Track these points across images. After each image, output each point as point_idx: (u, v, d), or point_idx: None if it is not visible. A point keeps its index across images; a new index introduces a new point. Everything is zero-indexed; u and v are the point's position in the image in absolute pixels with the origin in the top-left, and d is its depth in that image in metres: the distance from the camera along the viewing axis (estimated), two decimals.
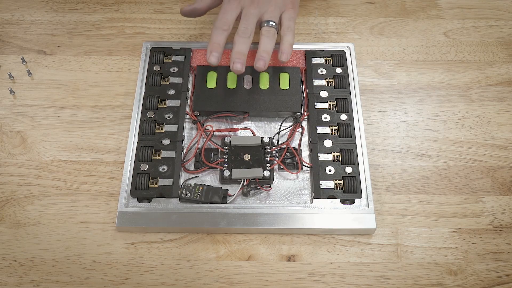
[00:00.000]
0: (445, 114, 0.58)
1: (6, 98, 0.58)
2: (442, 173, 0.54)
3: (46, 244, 0.49)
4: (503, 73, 0.62)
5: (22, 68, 0.61)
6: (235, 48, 0.53)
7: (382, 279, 0.48)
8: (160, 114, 0.55)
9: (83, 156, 0.54)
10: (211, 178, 0.52)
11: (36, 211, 0.51)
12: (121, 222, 0.49)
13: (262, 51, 0.53)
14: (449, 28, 0.66)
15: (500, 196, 0.53)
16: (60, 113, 0.57)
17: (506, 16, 0.67)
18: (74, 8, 0.67)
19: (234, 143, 0.53)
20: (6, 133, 0.56)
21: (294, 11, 0.57)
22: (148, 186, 0.50)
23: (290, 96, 0.56)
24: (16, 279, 0.47)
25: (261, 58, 0.53)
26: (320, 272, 0.48)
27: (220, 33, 0.53)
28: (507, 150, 0.56)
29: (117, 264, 0.48)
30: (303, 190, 0.52)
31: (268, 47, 0.54)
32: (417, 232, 0.50)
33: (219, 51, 0.53)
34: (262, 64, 0.53)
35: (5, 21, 0.65)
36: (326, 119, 0.55)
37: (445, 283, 0.48)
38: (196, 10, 0.58)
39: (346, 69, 0.59)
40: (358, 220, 0.49)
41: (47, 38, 0.64)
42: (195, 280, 0.48)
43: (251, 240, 0.50)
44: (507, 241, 0.50)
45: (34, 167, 0.53)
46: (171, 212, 0.49)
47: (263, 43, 0.54)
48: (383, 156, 0.55)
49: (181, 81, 0.57)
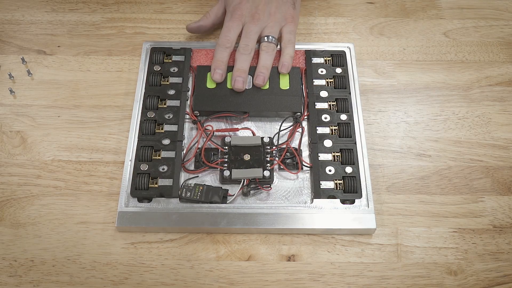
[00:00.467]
0: (445, 114, 0.58)
1: (6, 98, 0.58)
2: (442, 173, 0.54)
3: (46, 244, 0.49)
4: (503, 73, 0.62)
5: (22, 68, 0.61)
6: (237, 65, 0.55)
7: (382, 279, 0.48)
8: (160, 114, 0.55)
9: (83, 156, 0.54)
10: (211, 178, 0.52)
11: (36, 211, 0.51)
12: (121, 222, 0.49)
13: (261, 66, 0.56)
14: (449, 28, 0.66)
15: (500, 196, 0.53)
16: (60, 113, 0.57)
17: (506, 16, 0.67)
18: (74, 8, 0.67)
19: (234, 143, 0.53)
20: (6, 133, 0.56)
21: (294, 25, 0.59)
22: (148, 186, 0.50)
23: (290, 96, 0.56)
24: (16, 279, 0.47)
25: (260, 74, 0.55)
26: (320, 272, 0.48)
27: (223, 51, 0.56)
28: (507, 150, 0.56)
29: (117, 264, 0.48)
30: (303, 190, 0.52)
31: (267, 63, 0.56)
32: (417, 232, 0.50)
33: (222, 68, 0.55)
34: (261, 80, 0.55)
35: (5, 21, 0.65)
36: (326, 119, 0.55)
37: (445, 283, 0.48)
38: (202, 27, 0.61)
39: (346, 69, 0.59)
40: (358, 220, 0.49)
41: (47, 38, 0.64)
42: (195, 280, 0.48)
43: (251, 240, 0.50)
44: (507, 241, 0.50)
45: (34, 167, 0.53)
46: (171, 212, 0.49)
47: (263, 59, 0.56)
48: (383, 156, 0.55)
49: (181, 81, 0.57)
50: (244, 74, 0.55)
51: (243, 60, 0.56)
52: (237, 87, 0.55)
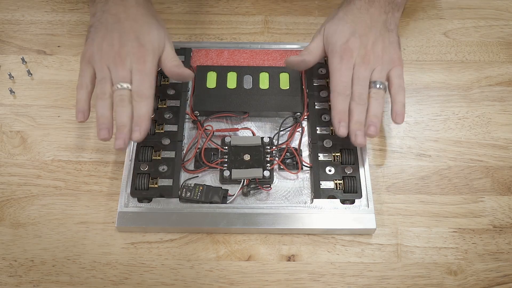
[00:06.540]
0: (445, 114, 0.58)
1: (6, 98, 0.58)
2: (442, 173, 0.54)
3: (46, 244, 0.49)
4: (503, 73, 0.62)
5: (22, 68, 0.61)
6: (354, 118, 0.50)
7: (382, 279, 0.48)
8: (160, 114, 0.55)
9: (83, 156, 0.54)
10: (211, 178, 0.52)
11: (36, 211, 0.51)
12: (121, 222, 0.49)
13: (372, 115, 0.50)
14: (449, 28, 0.66)
15: (500, 196, 0.53)
16: (60, 113, 0.57)
17: (506, 16, 0.67)
18: (74, 8, 0.67)
19: (234, 143, 0.53)
20: (6, 133, 0.56)
21: (401, 68, 0.53)
22: (148, 186, 0.50)
23: (290, 96, 0.56)
24: (16, 279, 0.47)
25: (372, 124, 0.49)
26: (320, 272, 0.48)
27: (344, 100, 0.50)
28: (507, 150, 0.56)
29: (117, 264, 0.48)
30: (303, 190, 0.52)
31: (378, 112, 0.50)
32: (417, 232, 0.50)
33: (346, 120, 0.50)
34: (374, 131, 0.49)
35: (5, 21, 0.65)
36: (326, 119, 0.55)
37: (445, 283, 0.48)
38: (305, 62, 0.54)
39: None
40: (358, 220, 0.49)
41: (47, 38, 0.64)
42: (195, 280, 0.48)
43: (251, 240, 0.50)
44: (507, 241, 0.50)
45: (34, 167, 0.53)
46: (171, 212, 0.49)
47: (373, 107, 0.50)
48: (383, 156, 0.55)
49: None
50: (362, 127, 0.49)
51: (360, 112, 0.50)
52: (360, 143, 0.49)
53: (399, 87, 0.52)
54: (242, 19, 0.66)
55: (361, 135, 0.49)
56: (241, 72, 0.58)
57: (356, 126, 0.49)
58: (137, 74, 0.48)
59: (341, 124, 0.49)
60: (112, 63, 0.48)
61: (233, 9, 0.67)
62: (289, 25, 0.66)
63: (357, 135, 0.49)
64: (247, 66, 0.59)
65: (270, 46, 0.62)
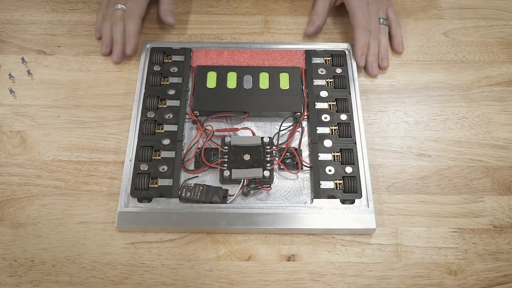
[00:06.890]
0: (445, 114, 0.58)
1: (6, 98, 0.58)
2: (442, 173, 0.54)
3: (46, 244, 0.49)
4: (503, 73, 0.62)
5: (22, 68, 0.61)
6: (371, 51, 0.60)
7: (382, 279, 0.48)
8: (160, 114, 0.55)
9: (83, 156, 0.54)
10: (211, 178, 0.52)
11: (36, 211, 0.51)
12: (121, 222, 0.49)
13: (383, 49, 0.61)
14: (449, 28, 0.66)
15: (500, 196, 0.53)
16: (60, 113, 0.57)
17: (506, 16, 0.67)
18: (74, 8, 0.67)
19: (234, 143, 0.53)
20: (6, 133, 0.56)
21: (393, 7, 0.65)
22: (148, 186, 0.50)
23: (290, 96, 0.56)
24: (16, 279, 0.47)
25: (385, 57, 0.60)
26: (320, 272, 0.48)
27: (367, 34, 0.60)
28: (507, 150, 0.56)
29: (117, 264, 0.48)
30: (303, 190, 0.52)
31: (387, 45, 0.62)
32: (417, 232, 0.50)
33: (366, 53, 0.59)
34: (387, 63, 0.60)
35: (5, 21, 0.65)
36: (326, 119, 0.55)
37: (445, 283, 0.48)
38: (320, 28, 0.64)
39: (346, 69, 0.59)
40: (358, 220, 0.49)
41: (47, 38, 0.64)
42: (195, 280, 0.48)
43: (251, 240, 0.50)
44: (507, 241, 0.50)
45: (34, 167, 0.53)
46: (171, 212, 0.49)
47: (384, 42, 0.61)
48: (383, 156, 0.55)
49: (181, 81, 0.57)
50: (377, 59, 0.60)
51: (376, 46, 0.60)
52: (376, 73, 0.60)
53: (396, 22, 0.63)
54: (242, 19, 0.66)
55: (376, 67, 0.60)
56: (241, 72, 0.58)
57: (373, 58, 0.60)
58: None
59: (362, 57, 0.59)
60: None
61: (233, 9, 0.67)
62: (289, 25, 0.66)
63: (374, 67, 0.59)
64: (247, 66, 0.59)
65: (270, 46, 0.62)
